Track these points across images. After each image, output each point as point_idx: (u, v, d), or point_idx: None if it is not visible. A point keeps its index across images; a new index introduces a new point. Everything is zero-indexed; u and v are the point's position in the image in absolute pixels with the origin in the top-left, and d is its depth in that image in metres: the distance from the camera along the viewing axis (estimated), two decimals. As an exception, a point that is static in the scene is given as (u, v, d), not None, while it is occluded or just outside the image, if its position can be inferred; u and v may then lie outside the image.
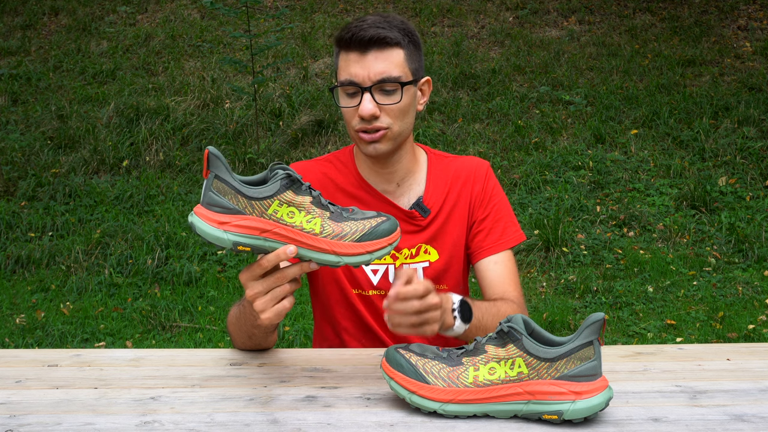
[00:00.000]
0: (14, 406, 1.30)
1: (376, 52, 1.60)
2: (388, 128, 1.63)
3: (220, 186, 1.25)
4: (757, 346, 1.64)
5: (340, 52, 1.65)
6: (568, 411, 1.22)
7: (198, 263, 4.98)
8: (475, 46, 7.88)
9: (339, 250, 1.28)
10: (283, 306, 1.30)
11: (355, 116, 1.63)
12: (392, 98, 1.62)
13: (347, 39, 1.61)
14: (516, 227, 1.80)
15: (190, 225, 1.27)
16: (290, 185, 1.27)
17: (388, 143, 1.66)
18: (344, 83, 1.62)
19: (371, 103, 1.60)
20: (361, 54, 1.60)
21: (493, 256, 1.75)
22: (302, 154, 6.29)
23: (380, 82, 1.60)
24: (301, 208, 1.27)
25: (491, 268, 1.74)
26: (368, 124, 1.62)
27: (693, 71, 7.32)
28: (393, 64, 1.61)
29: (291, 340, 4.11)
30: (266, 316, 1.30)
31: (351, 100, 1.63)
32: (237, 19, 8.05)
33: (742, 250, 5.04)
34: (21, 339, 4.14)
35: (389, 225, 1.31)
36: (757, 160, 5.98)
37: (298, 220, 1.27)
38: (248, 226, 1.25)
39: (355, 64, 1.61)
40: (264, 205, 1.26)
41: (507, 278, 1.73)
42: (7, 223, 5.40)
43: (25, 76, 7.45)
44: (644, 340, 4.09)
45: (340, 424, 1.24)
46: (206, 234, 1.25)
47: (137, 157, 6.26)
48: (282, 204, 1.26)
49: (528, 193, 5.75)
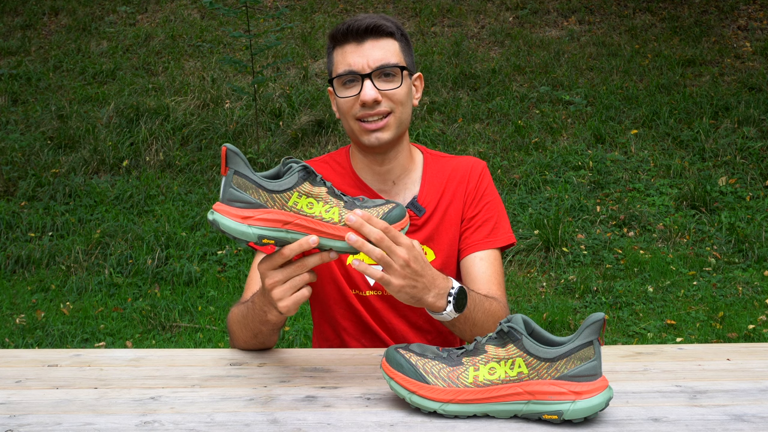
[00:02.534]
0: (14, 406, 1.30)
1: (373, 41, 1.64)
2: (391, 112, 1.65)
3: (241, 181, 1.27)
4: (757, 346, 1.64)
5: (335, 47, 1.67)
6: (568, 411, 1.22)
7: (198, 263, 4.98)
8: (475, 46, 7.88)
9: None
10: (302, 294, 1.33)
11: (354, 105, 1.64)
12: (393, 83, 1.64)
13: (343, 31, 1.64)
14: (506, 229, 1.77)
15: (212, 223, 1.28)
16: (307, 177, 1.30)
17: (391, 131, 1.66)
18: (342, 74, 1.63)
19: (373, 89, 1.62)
20: (358, 44, 1.63)
21: (479, 252, 1.72)
22: (302, 154, 6.29)
23: (380, 68, 1.62)
24: (319, 199, 1.31)
25: (476, 264, 1.72)
26: (370, 110, 1.63)
27: (693, 71, 7.32)
28: (390, 52, 1.65)
29: (291, 340, 4.11)
30: (284, 305, 1.32)
31: (350, 89, 1.65)
32: (237, 19, 8.05)
33: (742, 250, 5.04)
34: (21, 339, 4.14)
35: (399, 211, 1.35)
36: (757, 160, 5.98)
37: (318, 211, 1.30)
38: (271, 219, 1.28)
39: (353, 54, 1.63)
40: (284, 198, 1.29)
41: (492, 277, 1.70)
42: (7, 223, 5.40)
43: (25, 76, 7.44)
44: (644, 340, 4.09)
45: (340, 424, 1.24)
46: (231, 230, 1.27)
47: (137, 157, 6.26)
48: (301, 195, 1.29)
49: (528, 193, 5.75)
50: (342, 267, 1.74)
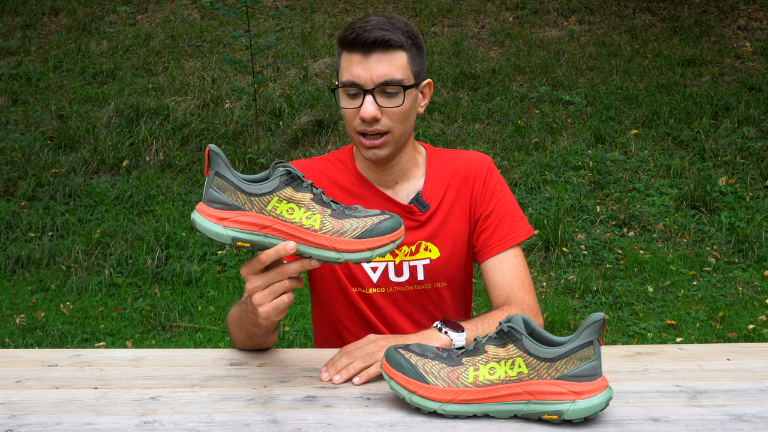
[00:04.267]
0: (14, 406, 1.30)
1: (380, 54, 1.60)
2: (388, 132, 1.63)
3: (220, 183, 1.26)
4: (757, 346, 1.64)
5: (342, 51, 1.64)
6: (568, 411, 1.22)
7: (198, 263, 4.98)
8: (475, 46, 7.88)
9: (339, 246, 1.28)
10: (282, 301, 1.31)
11: (355, 118, 1.63)
12: (394, 101, 1.62)
13: (351, 39, 1.60)
14: (523, 221, 1.77)
15: (192, 222, 1.28)
16: (290, 182, 1.28)
17: (388, 148, 1.66)
18: (346, 84, 1.62)
19: (373, 106, 1.60)
20: (364, 56, 1.60)
21: (500, 254, 1.72)
22: (302, 154, 6.29)
23: (382, 85, 1.59)
24: (300, 205, 1.28)
25: (497, 268, 1.71)
26: (369, 126, 1.62)
27: (693, 71, 7.32)
28: (396, 67, 1.61)
29: (291, 340, 4.11)
30: (264, 310, 1.31)
31: (352, 101, 1.63)
32: (237, 19, 8.05)
33: (742, 250, 5.04)
34: (21, 339, 4.14)
35: (392, 222, 1.31)
36: (757, 160, 5.98)
37: (298, 217, 1.28)
38: (248, 222, 1.26)
39: (358, 66, 1.60)
40: (263, 202, 1.26)
41: (514, 278, 1.70)
42: (7, 223, 5.40)
43: (25, 76, 7.44)
44: (644, 340, 4.09)
45: (340, 424, 1.24)
46: (206, 230, 1.26)
47: (137, 157, 6.26)
48: (281, 200, 1.27)
49: (528, 193, 5.75)
50: (344, 265, 1.73)
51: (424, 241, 1.73)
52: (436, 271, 1.74)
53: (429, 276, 1.73)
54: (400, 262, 1.73)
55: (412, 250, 1.73)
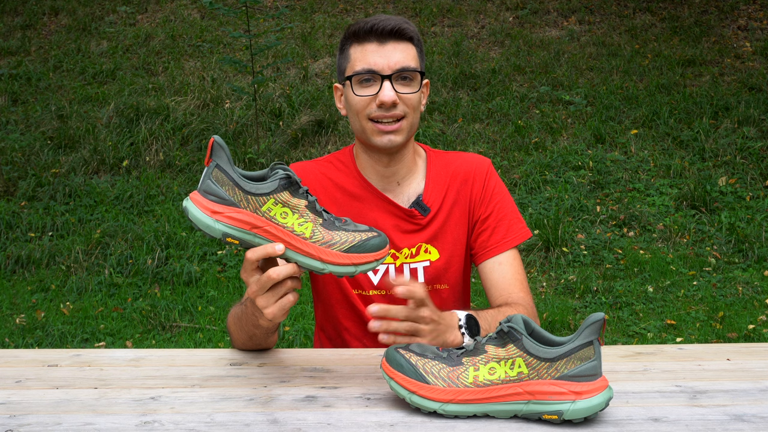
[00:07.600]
0: (14, 406, 1.30)
1: (395, 42, 1.65)
2: (404, 116, 1.66)
3: (220, 176, 1.26)
4: (757, 346, 1.64)
5: (353, 44, 1.67)
6: (568, 411, 1.22)
7: (198, 263, 4.98)
8: (475, 46, 7.88)
9: (325, 257, 1.29)
10: (287, 300, 1.31)
11: (370, 105, 1.65)
12: (410, 87, 1.66)
13: (366, 29, 1.64)
14: (521, 224, 1.78)
15: (184, 209, 1.28)
16: (288, 186, 1.28)
17: (403, 135, 1.68)
18: (361, 72, 1.64)
19: (392, 91, 1.63)
20: (380, 44, 1.64)
21: (498, 256, 1.73)
22: (302, 154, 6.29)
23: (400, 71, 1.64)
24: (295, 210, 1.29)
25: (495, 269, 1.73)
26: (386, 111, 1.64)
27: (693, 71, 7.32)
28: (410, 56, 1.66)
29: (291, 340, 4.11)
30: (269, 311, 1.31)
31: (368, 88, 1.65)
32: (237, 19, 8.05)
33: (742, 250, 5.04)
34: (21, 339, 4.14)
35: (379, 241, 1.32)
36: (757, 160, 5.98)
37: (290, 222, 1.28)
38: (240, 219, 1.26)
39: (374, 54, 1.64)
40: (259, 202, 1.27)
41: (513, 279, 1.71)
42: (7, 223, 5.39)
43: (25, 76, 7.44)
44: (644, 340, 4.09)
45: (340, 424, 1.24)
46: (198, 221, 1.26)
47: (137, 157, 6.26)
48: (277, 203, 1.28)
49: (528, 193, 5.75)
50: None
51: (424, 244, 1.74)
52: (437, 273, 1.74)
53: (429, 278, 1.74)
54: (400, 264, 1.73)
55: (413, 253, 1.73)
